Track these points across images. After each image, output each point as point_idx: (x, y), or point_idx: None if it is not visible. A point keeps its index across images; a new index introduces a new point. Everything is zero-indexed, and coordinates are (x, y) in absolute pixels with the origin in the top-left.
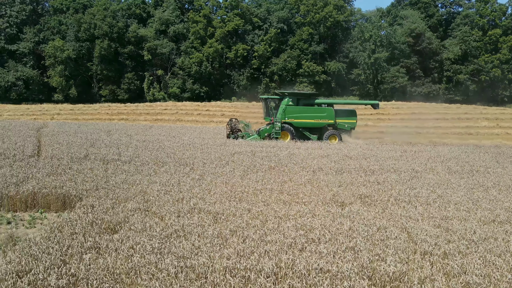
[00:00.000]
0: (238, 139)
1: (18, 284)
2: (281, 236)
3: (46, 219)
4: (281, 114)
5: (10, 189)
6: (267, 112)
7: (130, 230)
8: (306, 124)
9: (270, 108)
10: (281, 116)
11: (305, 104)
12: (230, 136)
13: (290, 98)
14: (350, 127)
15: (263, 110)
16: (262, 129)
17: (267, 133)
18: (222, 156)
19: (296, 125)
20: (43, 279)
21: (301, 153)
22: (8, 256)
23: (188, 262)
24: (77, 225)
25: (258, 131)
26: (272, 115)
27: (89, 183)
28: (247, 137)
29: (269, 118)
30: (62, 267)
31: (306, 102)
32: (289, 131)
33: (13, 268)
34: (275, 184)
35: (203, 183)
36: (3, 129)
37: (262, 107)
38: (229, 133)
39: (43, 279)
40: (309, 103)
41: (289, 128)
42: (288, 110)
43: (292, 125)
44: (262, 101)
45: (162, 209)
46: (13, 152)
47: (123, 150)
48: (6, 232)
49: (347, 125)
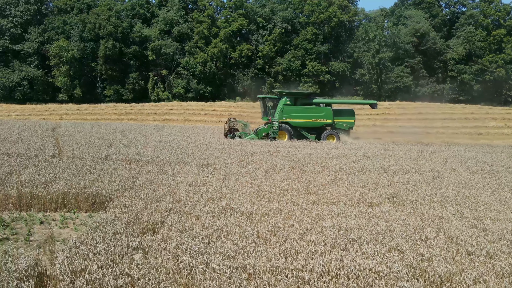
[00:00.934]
0: (236, 138)
1: (76, 283)
2: (321, 236)
3: (78, 219)
4: (278, 113)
5: (40, 189)
6: (265, 112)
7: (170, 230)
8: (304, 123)
9: (268, 108)
10: (278, 115)
11: (303, 103)
12: (228, 135)
13: (288, 98)
14: (348, 127)
15: (261, 110)
16: (260, 129)
17: (265, 132)
18: (242, 156)
19: (294, 124)
20: (100, 278)
21: (319, 153)
22: (60, 256)
23: (238, 262)
24: (117, 225)
25: (255, 130)
26: (270, 114)
27: (117, 183)
28: (244, 136)
29: (267, 117)
30: (114, 267)
31: (304, 102)
32: (287, 131)
33: (68, 268)
34: (300, 184)
35: (229, 183)
36: (19, 129)
37: (260, 107)
38: (227, 132)
39: (100, 279)
40: (307, 102)
41: (286, 127)
42: (286, 110)
43: (290, 124)
44: (260, 101)
45: (195, 209)
46: (34, 152)
47: (142, 150)
48: (40, 231)
49: (345, 124)
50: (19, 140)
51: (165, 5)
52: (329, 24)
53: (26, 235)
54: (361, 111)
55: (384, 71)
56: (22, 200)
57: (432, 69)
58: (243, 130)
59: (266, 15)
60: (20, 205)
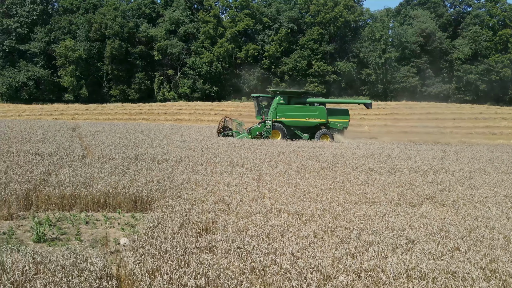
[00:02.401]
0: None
1: (156, 284)
2: (378, 236)
3: (121, 219)
4: (272, 112)
5: (82, 189)
6: (258, 111)
7: (226, 230)
8: (297, 123)
9: (261, 107)
10: (272, 114)
11: (297, 102)
12: (220, 134)
13: (282, 97)
14: (342, 126)
15: (255, 109)
16: (253, 128)
17: (259, 131)
18: (269, 156)
19: (288, 124)
20: (179, 278)
21: (344, 153)
22: (129, 256)
23: (310, 262)
24: (173, 225)
25: (249, 129)
26: (263, 113)
27: (155, 183)
28: (237, 135)
29: (261, 116)
30: (187, 267)
31: (298, 101)
32: (280, 130)
33: (143, 268)
34: (335, 184)
35: (266, 183)
36: (40, 129)
37: (254, 106)
38: (220, 130)
39: (179, 279)
40: (301, 101)
41: (280, 127)
42: (280, 109)
43: (283, 123)
44: (253, 100)
45: (241, 210)
46: (64, 152)
47: (169, 150)
48: (88, 231)
49: (340, 124)
50: (45, 140)
51: (170, 5)
52: (335, 24)
53: (75, 235)
54: (369, 111)
55: (390, 71)
56: (64, 200)
57: (438, 69)
58: (237, 129)
59: (272, 15)
60: (63, 205)
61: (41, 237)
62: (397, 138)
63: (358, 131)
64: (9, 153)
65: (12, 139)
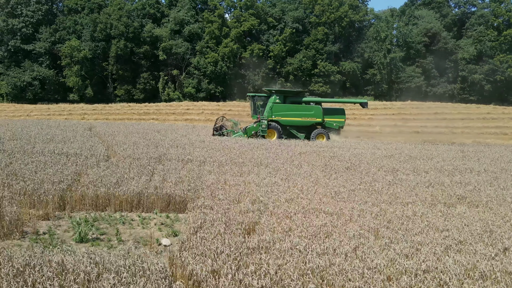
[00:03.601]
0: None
1: (220, 284)
2: (426, 236)
3: (155, 219)
4: (267, 112)
5: (116, 189)
6: (254, 110)
7: (274, 231)
8: (293, 122)
9: (257, 106)
10: (267, 114)
11: (293, 102)
12: (215, 133)
13: (277, 96)
14: (338, 126)
15: (250, 108)
16: (249, 127)
17: (254, 131)
18: (292, 156)
19: (283, 123)
20: (242, 278)
21: (364, 153)
22: (184, 257)
23: (367, 263)
24: (217, 226)
25: (244, 128)
26: (259, 113)
27: (185, 183)
28: (232, 134)
29: (257, 116)
30: (244, 267)
31: (294, 100)
32: (276, 129)
33: (205, 268)
34: (364, 184)
35: (296, 184)
36: (57, 129)
37: (250, 105)
38: (215, 129)
39: (242, 279)
40: (297, 101)
41: (275, 126)
42: (275, 108)
43: (279, 123)
44: (249, 99)
45: (280, 210)
46: (89, 152)
47: (190, 150)
48: (126, 231)
49: (336, 123)
50: (66, 140)
51: (175, 5)
52: (340, 24)
53: (115, 235)
54: (376, 111)
55: (395, 71)
56: (98, 200)
57: (443, 69)
58: (233, 129)
59: (276, 14)
60: (97, 205)
61: (83, 237)
62: (410, 138)
63: (370, 131)
64: (34, 153)
65: (33, 139)
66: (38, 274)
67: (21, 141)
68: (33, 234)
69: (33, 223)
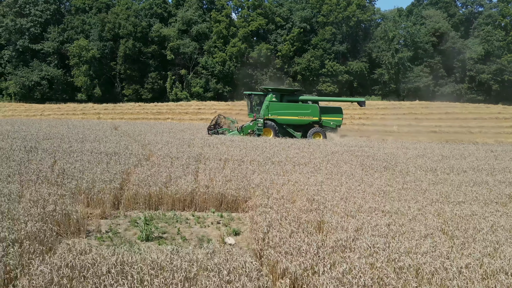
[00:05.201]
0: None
1: (320, 282)
2: (497, 236)
3: (209, 218)
4: (264, 110)
5: (167, 188)
6: (251, 109)
7: (345, 230)
8: (289, 121)
9: (253, 105)
10: (264, 112)
11: (289, 100)
12: (210, 132)
13: (274, 94)
14: (335, 125)
15: (247, 107)
16: (245, 126)
17: (251, 129)
18: (327, 156)
19: (280, 121)
20: (341, 277)
21: (396, 152)
22: (272, 255)
23: (457, 263)
24: (285, 224)
25: (241, 127)
26: (255, 111)
27: (233, 182)
28: (228, 132)
29: (253, 114)
30: (337, 266)
31: (290, 99)
32: (272, 128)
33: (298, 267)
34: (410, 183)
35: (341, 183)
36: (84, 128)
37: (247, 104)
38: (211, 127)
39: (341, 278)
40: (293, 99)
41: (272, 124)
42: (272, 107)
43: (275, 121)
44: (246, 97)
45: (338, 209)
46: (127, 151)
47: (224, 149)
48: (185, 230)
49: (333, 122)
50: (99, 140)
51: (182, 5)
52: (348, 23)
53: (177, 234)
54: (386, 110)
55: (403, 71)
56: (151, 199)
57: (450, 69)
58: (228, 127)
59: (284, 14)
60: (149, 204)
61: (148, 236)
62: (432, 137)
63: (388, 130)
64: (73, 152)
65: (66, 138)
66: (138, 271)
67: (56, 141)
68: (97, 232)
69: (96, 222)
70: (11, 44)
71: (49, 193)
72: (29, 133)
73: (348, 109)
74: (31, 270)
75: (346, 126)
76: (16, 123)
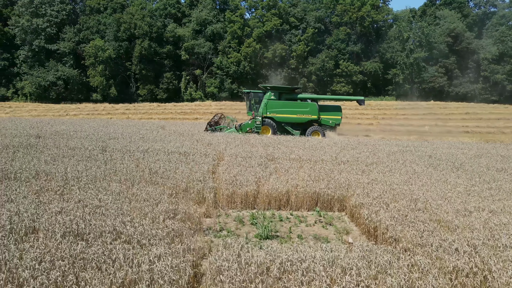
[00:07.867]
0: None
1: None
2: None
3: (309, 218)
4: (262, 108)
5: (260, 188)
6: (249, 107)
7: (472, 229)
8: (288, 119)
9: (252, 103)
10: (262, 110)
11: (288, 98)
12: (208, 129)
13: (272, 92)
14: (334, 123)
15: (246, 105)
16: (244, 124)
17: (249, 127)
18: (390, 156)
19: (278, 120)
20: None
21: (454, 152)
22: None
23: None
24: (413, 225)
25: (239, 125)
26: (254, 109)
27: (321, 182)
28: (225, 130)
29: (252, 112)
30: None
31: (289, 97)
32: (271, 126)
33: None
34: (488, 183)
35: (423, 182)
36: (130, 128)
37: (245, 102)
38: (211, 123)
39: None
40: (292, 97)
41: (270, 122)
42: (270, 105)
43: (273, 119)
44: (244, 95)
45: (445, 208)
46: (196, 151)
47: (285, 149)
48: (296, 230)
49: (332, 121)
50: (162, 139)
51: (196, 5)
52: (362, 23)
53: (289, 232)
54: (405, 111)
55: (417, 71)
56: (248, 199)
57: (465, 69)
58: (229, 125)
59: (298, 14)
60: (246, 203)
61: (267, 234)
62: (472, 137)
63: (420, 130)
64: (146, 152)
65: (128, 138)
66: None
67: (121, 140)
68: (209, 230)
69: (202, 221)
70: (26, 44)
71: (159, 192)
72: (84, 133)
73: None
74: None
75: (373, 127)
76: (57, 123)
